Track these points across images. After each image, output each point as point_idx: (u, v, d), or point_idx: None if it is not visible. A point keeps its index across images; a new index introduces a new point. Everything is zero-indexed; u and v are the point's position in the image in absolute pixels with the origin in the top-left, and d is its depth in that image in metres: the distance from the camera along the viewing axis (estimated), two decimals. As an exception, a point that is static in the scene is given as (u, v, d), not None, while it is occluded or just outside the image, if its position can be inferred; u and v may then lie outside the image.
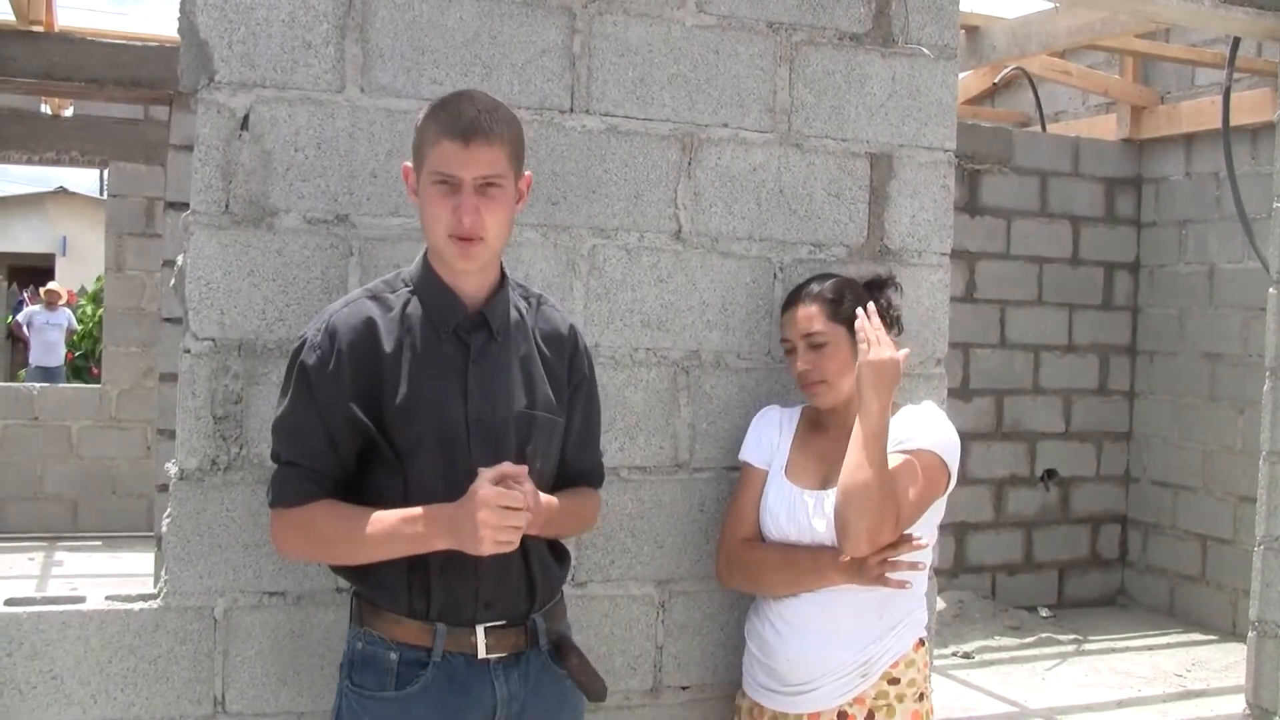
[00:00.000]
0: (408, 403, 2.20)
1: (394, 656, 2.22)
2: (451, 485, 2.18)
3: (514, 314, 2.35)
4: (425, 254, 2.32)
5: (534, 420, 2.31)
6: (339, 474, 2.22)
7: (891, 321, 2.83)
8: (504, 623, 2.28)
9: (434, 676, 2.22)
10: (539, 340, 2.38)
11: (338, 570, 2.39)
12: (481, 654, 2.25)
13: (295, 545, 2.28)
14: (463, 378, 2.25)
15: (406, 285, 2.30)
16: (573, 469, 2.45)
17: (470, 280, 2.29)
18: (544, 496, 2.26)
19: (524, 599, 2.31)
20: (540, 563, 2.33)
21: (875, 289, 2.85)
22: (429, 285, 2.28)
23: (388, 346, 2.21)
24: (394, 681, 2.22)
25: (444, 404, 2.22)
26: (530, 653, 2.32)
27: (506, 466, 2.17)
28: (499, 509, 2.10)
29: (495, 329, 2.30)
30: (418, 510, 2.17)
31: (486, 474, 2.14)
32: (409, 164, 2.31)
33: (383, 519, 2.18)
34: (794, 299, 2.81)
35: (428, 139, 2.22)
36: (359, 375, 2.19)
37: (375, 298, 2.27)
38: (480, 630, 2.25)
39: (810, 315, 2.74)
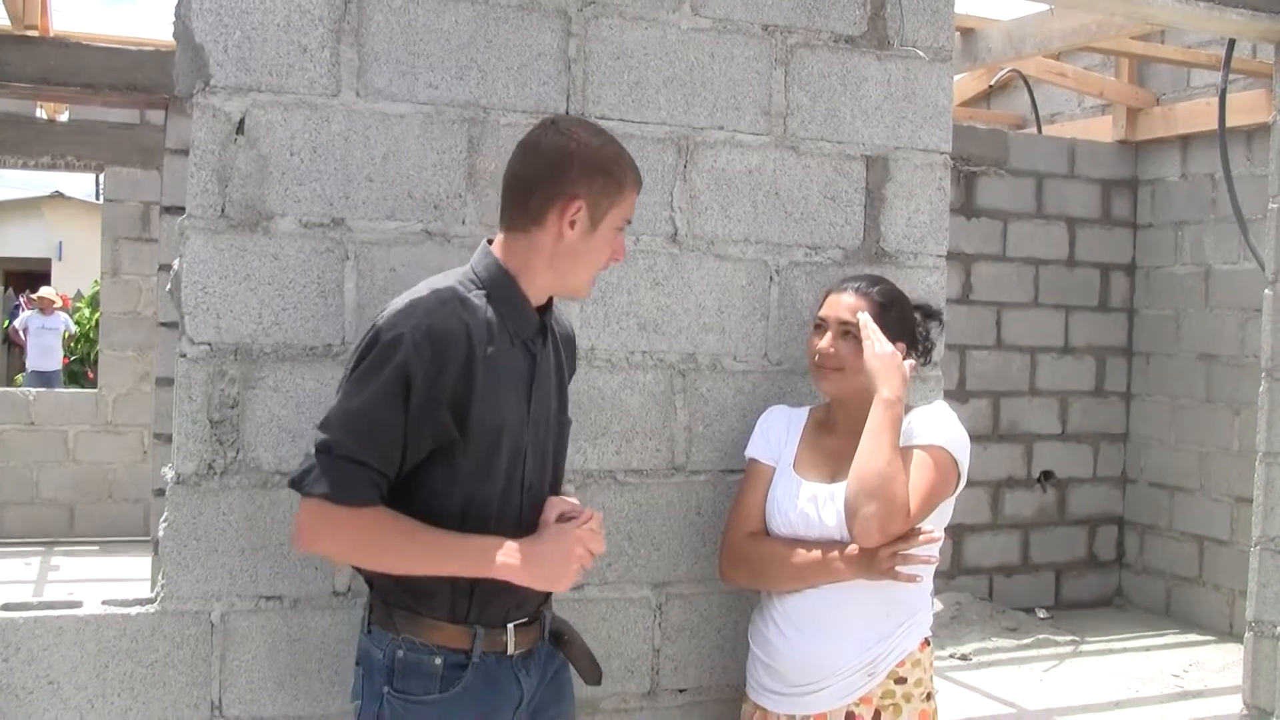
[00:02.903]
0: (487, 412, 2.20)
1: (438, 661, 2.23)
2: (507, 492, 2.25)
3: None
4: (500, 261, 2.29)
5: (563, 425, 2.42)
6: (394, 480, 2.19)
7: (923, 351, 2.85)
8: (527, 619, 2.34)
9: (473, 677, 2.25)
10: (559, 345, 2.44)
11: (371, 575, 2.31)
12: (510, 651, 2.30)
13: (334, 544, 2.22)
14: (528, 386, 2.29)
15: (478, 286, 2.26)
16: None
17: (541, 294, 2.33)
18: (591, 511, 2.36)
19: (540, 594, 2.36)
20: None
21: (924, 314, 2.87)
22: (508, 294, 2.27)
23: (477, 355, 2.19)
24: (439, 685, 2.23)
25: (514, 414, 2.25)
26: (540, 644, 2.38)
27: (568, 505, 2.32)
28: (589, 555, 2.25)
29: (549, 337, 2.36)
30: (499, 541, 2.19)
31: (560, 517, 2.28)
32: (581, 199, 2.26)
33: (454, 542, 2.18)
34: (844, 286, 2.78)
35: (627, 187, 2.32)
36: (455, 381, 2.16)
37: (460, 299, 2.22)
38: (510, 628, 2.30)
39: (855, 309, 2.72)
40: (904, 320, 2.78)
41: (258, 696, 2.64)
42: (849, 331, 2.71)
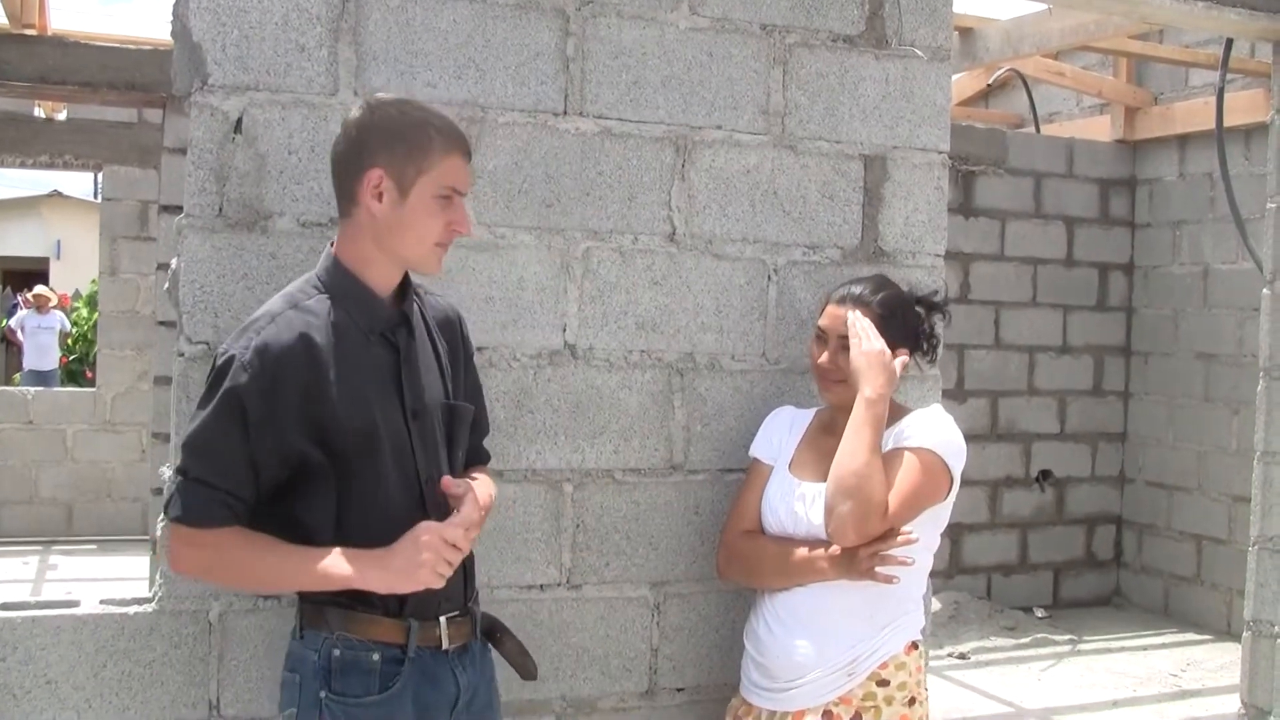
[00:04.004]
0: (352, 415, 2.16)
1: (376, 657, 2.21)
2: (402, 489, 2.22)
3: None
4: (336, 257, 2.26)
5: (454, 410, 2.37)
6: (253, 502, 2.16)
7: (929, 349, 2.83)
8: (458, 612, 2.33)
9: (410, 673, 2.23)
10: (434, 329, 2.40)
11: None
12: (445, 645, 2.29)
13: (198, 566, 2.21)
14: (396, 379, 2.25)
15: (320, 290, 2.23)
16: (470, 448, 2.48)
17: (388, 280, 2.28)
18: (482, 492, 2.31)
19: (462, 588, 2.36)
20: (471, 552, 2.37)
21: (926, 308, 2.82)
22: (351, 289, 2.24)
23: (325, 360, 2.15)
24: (378, 684, 2.20)
25: (387, 410, 2.22)
26: (473, 642, 2.38)
27: (451, 486, 2.24)
28: (447, 545, 2.15)
29: (413, 324, 2.32)
30: (341, 552, 2.14)
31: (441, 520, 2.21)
32: (380, 169, 2.19)
33: (298, 557, 2.14)
34: (844, 297, 2.74)
35: (435, 151, 2.20)
36: (300, 398, 2.12)
37: (298, 308, 2.19)
38: (443, 621, 2.29)
39: (856, 320, 2.70)
40: (907, 325, 2.76)
41: (256, 696, 2.64)
42: (849, 346, 2.69)
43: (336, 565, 2.12)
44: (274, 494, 2.17)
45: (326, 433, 2.14)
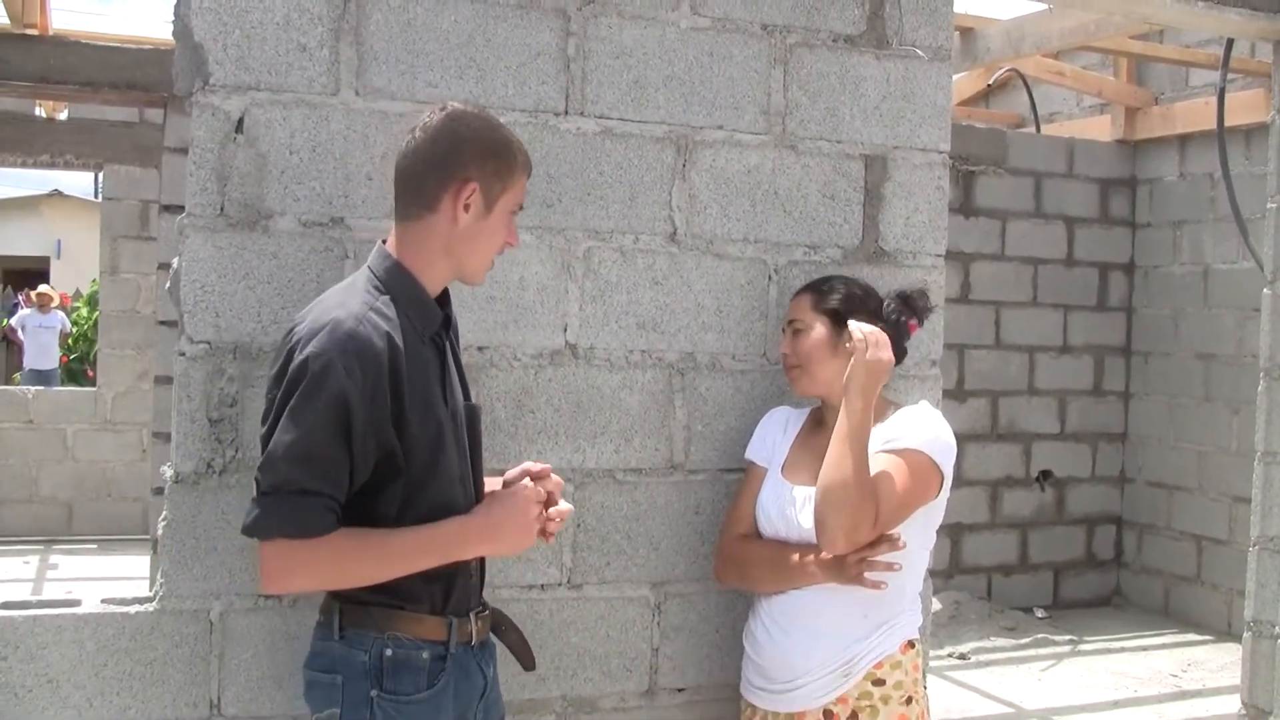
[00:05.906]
0: (423, 416, 2.22)
1: (425, 655, 2.24)
2: (452, 487, 2.27)
3: None
4: (397, 259, 2.28)
5: (474, 411, 2.42)
6: (343, 503, 2.17)
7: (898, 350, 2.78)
8: (483, 609, 2.39)
9: (452, 668, 2.27)
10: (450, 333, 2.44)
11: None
12: (474, 640, 2.33)
13: (309, 578, 2.19)
14: (442, 380, 2.30)
15: (381, 291, 2.25)
16: None
17: (440, 284, 2.34)
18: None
19: (480, 586, 2.41)
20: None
21: (904, 304, 2.78)
22: (411, 292, 2.27)
23: (403, 363, 2.18)
24: (426, 680, 2.24)
25: (439, 410, 2.26)
26: (488, 635, 2.43)
27: (533, 466, 2.40)
28: (540, 503, 2.31)
29: (450, 329, 2.38)
30: (452, 523, 2.23)
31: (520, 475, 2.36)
32: (474, 182, 2.24)
33: (417, 537, 2.19)
34: (806, 285, 2.83)
35: (515, 172, 2.31)
36: (388, 399, 2.15)
37: (375, 310, 2.20)
38: (472, 616, 2.33)
39: (800, 304, 2.79)
40: (865, 311, 2.73)
41: (256, 695, 2.64)
42: (796, 329, 2.75)
43: (460, 539, 2.24)
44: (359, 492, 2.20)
45: (403, 433, 2.18)
